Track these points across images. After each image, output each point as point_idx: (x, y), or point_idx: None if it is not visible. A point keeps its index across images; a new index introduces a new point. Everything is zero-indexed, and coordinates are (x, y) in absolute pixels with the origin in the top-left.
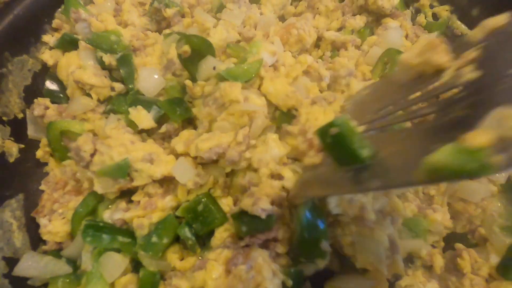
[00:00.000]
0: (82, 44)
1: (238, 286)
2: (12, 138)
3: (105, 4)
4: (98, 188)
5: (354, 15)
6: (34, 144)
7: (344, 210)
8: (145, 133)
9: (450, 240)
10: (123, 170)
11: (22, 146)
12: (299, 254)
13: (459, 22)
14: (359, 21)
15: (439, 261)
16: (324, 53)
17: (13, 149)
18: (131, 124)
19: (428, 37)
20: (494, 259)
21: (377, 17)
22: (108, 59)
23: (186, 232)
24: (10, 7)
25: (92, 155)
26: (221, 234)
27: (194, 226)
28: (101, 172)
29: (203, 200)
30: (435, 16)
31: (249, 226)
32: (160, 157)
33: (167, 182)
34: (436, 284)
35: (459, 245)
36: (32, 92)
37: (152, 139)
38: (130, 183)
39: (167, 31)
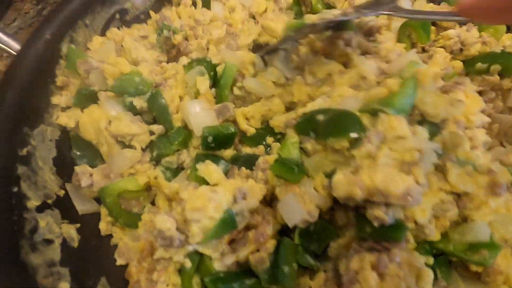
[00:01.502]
0: (103, 94)
1: (401, 284)
2: (66, 221)
3: (105, 47)
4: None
5: None
6: (88, 219)
7: None
8: None
9: None
10: (231, 222)
11: (78, 225)
12: None
13: None
14: None
15: None
16: None
17: (71, 232)
18: (198, 180)
19: None
20: None
21: None
22: (139, 102)
23: (308, 259)
24: (10, 77)
25: (179, 229)
26: (338, 242)
27: (311, 247)
28: (206, 239)
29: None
30: None
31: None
32: (251, 188)
33: (261, 209)
34: None
35: None
36: (62, 163)
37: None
38: (236, 229)
39: (183, 59)
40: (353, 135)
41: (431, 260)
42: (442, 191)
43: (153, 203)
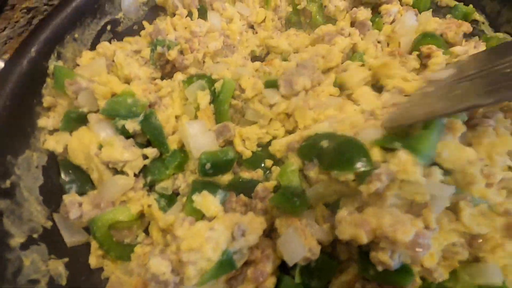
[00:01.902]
0: (93, 117)
1: None
2: (53, 256)
3: (95, 63)
4: None
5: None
6: (77, 251)
7: None
8: None
9: None
10: (230, 264)
11: (67, 259)
12: None
13: None
14: (367, 12)
15: None
16: None
17: (59, 268)
18: (194, 212)
19: None
20: None
21: (373, 7)
22: (131, 125)
23: None
24: None
25: (173, 271)
26: (340, 279)
27: (313, 285)
28: (203, 282)
29: None
30: None
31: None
32: (250, 224)
33: (260, 243)
34: None
35: None
36: (49, 191)
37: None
38: (235, 269)
39: (178, 76)
40: (359, 169)
41: None
42: (454, 232)
43: (146, 231)
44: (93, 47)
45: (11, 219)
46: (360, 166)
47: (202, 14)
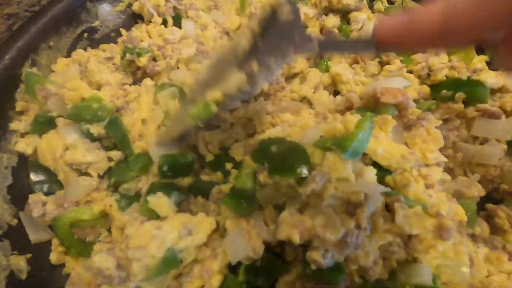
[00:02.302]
0: (60, 121)
1: None
2: (15, 252)
3: (69, 70)
4: None
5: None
6: (41, 248)
7: None
8: None
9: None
10: (173, 261)
11: (29, 255)
12: None
13: (413, 3)
14: (335, 19)
15: (484, 226)
16: None
17: (21, 263)
18: (148, 212)
19: None
20: None
21: (343, 14)
22: (96, 129)
23: None
24: None
25: (119, 267)
26: (285, 279)
27: (258, 283)
28: (149, 278)
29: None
30: (389, 1)
31: (314, 272)
32: (198, 224)
33: (211, 242)
34: (486, 248)
35: (489, 206)
36: (18, 190)
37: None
38: (181, 265)
39: (147, 81)
40: (300, 175)
41: None
42: (390, 232)
43: (110, 230)
44: (69, 54)
45: None
46: (300, 172)
47: (177, 21)
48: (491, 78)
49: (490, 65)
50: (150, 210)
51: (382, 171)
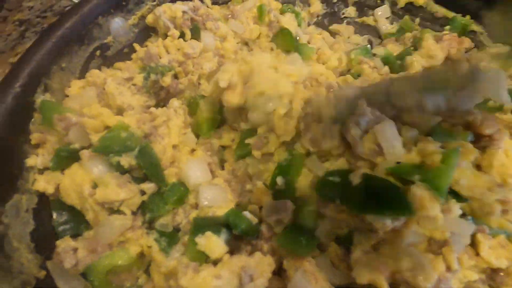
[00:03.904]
0: (85, 154)
1: None
2: None
3: (85, 94)
4: None
5: None
6: None
7: None
8: None
9: None
10: None
11: None
12: None
13: (437, 6)
14: None
15: None
16: None
17: None
18: (198, 255)
19: None
20: None
21: None
22: (127, 161)
23: None
24: None
25: None
26: None
27: None
28: None
29: None
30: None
31: None
32: (258, 266)
33: (273, 283)
34: None
35: None
36: (42, 236)
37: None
38: None
39: (174, 102)
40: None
41: None
42: (475, 268)
43: (147, 271)
44: (82, 75)
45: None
46: (402, 214)
47: (195, 34)
48: None
49: None
50: (199, 252)
51: (458, 198)
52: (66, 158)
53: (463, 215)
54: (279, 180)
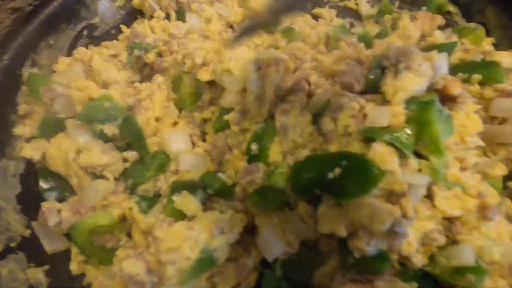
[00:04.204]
0: (70, 123)
1: None
2: (32, 264)
3: (72, 69)
4: None
5: None
6: (59, 258)
7: None
8: None
9: None
10: (209, 261)
11: (47, 267)
12: None
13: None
14: None
15: (509, 204)
16: None
17: (39, 276)
18: (174, 212)
19: None
20: None
21: None
22: (110, 129)
23: None
24: None
25: (149, 271)
26: (321, 271)
27: (295, 278)
28: (184, 281)
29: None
30: None
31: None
32: (229, 221)
33: (243, 239)
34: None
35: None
36: (28, 199)
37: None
38: (216, 265)
39: (158, 78)
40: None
41: (415, 286)
42: (431, 219)
43: (129, 234)
44: (69, 53)
45: None
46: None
47: (180, 15)
48: (507, 58)
49: (497, 46)
50: (176, 210)
51: (418, 157)
52: (51, 126)
53: (419, 170)
54: (254, 146)
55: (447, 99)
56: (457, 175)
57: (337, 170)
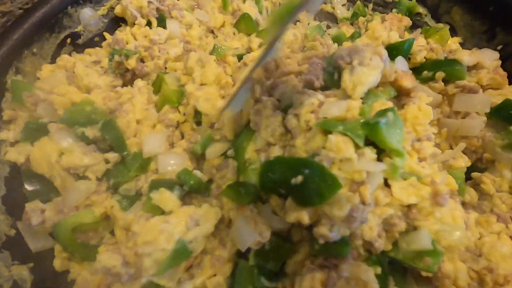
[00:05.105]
0: (53, 126)
1: None
2: (16, 262)
3: (55, 76)
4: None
5: None
6: (43, 256)
7: None
8: None
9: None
10: (184, 252)
11: (31, 265)
12: None
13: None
14: None
15: (472, 193)
16: None
17: (23, 273)
18: (152, 209)
19: None
20: (508, 174)
21: None
22: (91, 132)
23: (263, 282)
24: None
25: (126, 264)
26: (293, 259)
27: (268, 266)
28: (161, 271)
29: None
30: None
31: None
32: (204, 214)
33: (218, 232)
34: (475, 213)
35: (474, 174)
36: (13, 200)
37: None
38: (191, 256)
39: (139, 82)
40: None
41: (379, 270)
42: (390, 206)
43: (113, 232)
44: (53, 60)
45: None
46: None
47: (161, 22)
48: (466, 56)
49: (463, 45)
50: (154, 206)
51: (378, 150)
52: (35, 130)
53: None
54: (229, 152)
55: (402, 93)
56: (413, 166)
57: (299, 178)
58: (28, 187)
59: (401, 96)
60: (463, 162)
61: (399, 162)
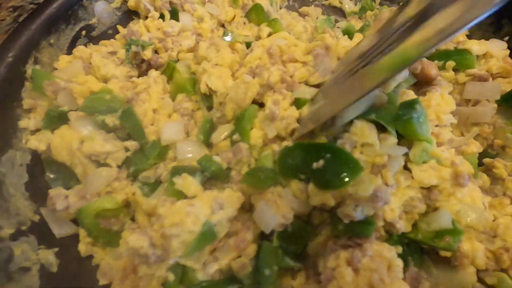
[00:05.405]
0: (73, 115)
1: (374, 276)
2: (42, 246)
3: (73, 66)
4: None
5: None
6: (67, 242)
7: None
8: None
9: None
10: (211, 234)
11: (57, 249)
12: None
13: None
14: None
15: (485, 178)
16: None
17: (49, 257)
18: (175, 193)
19: None
20: None
21: None
22: (111, 119)
23: (287, 261)
24: None
25: (152, 245)
26: (315, 241)
27: (290, 248)
28: (188, 253)
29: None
30: None
31: (346, 227)
32: (228, 198)
33: (241, 216)
34: (488, 197)
35: (486, 160)
36: (35, 187)
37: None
38: (217, 239)
39: (153, 73)
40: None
41: (400, 249)
42: (411, 188)
43: (133, 219)
44: (69, 52)
45: None
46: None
47: (174, 15)
48: (476, 46)
49: (470, 37)
50: (177, 191)
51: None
52: (55, 118)
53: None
54: (235, 137)
55: (424, 83)
56: (433, 149)
57: (321, 162)
58: (50, 174)
59: (421, 84)
60: (475, 147)
61: (428, 147)
